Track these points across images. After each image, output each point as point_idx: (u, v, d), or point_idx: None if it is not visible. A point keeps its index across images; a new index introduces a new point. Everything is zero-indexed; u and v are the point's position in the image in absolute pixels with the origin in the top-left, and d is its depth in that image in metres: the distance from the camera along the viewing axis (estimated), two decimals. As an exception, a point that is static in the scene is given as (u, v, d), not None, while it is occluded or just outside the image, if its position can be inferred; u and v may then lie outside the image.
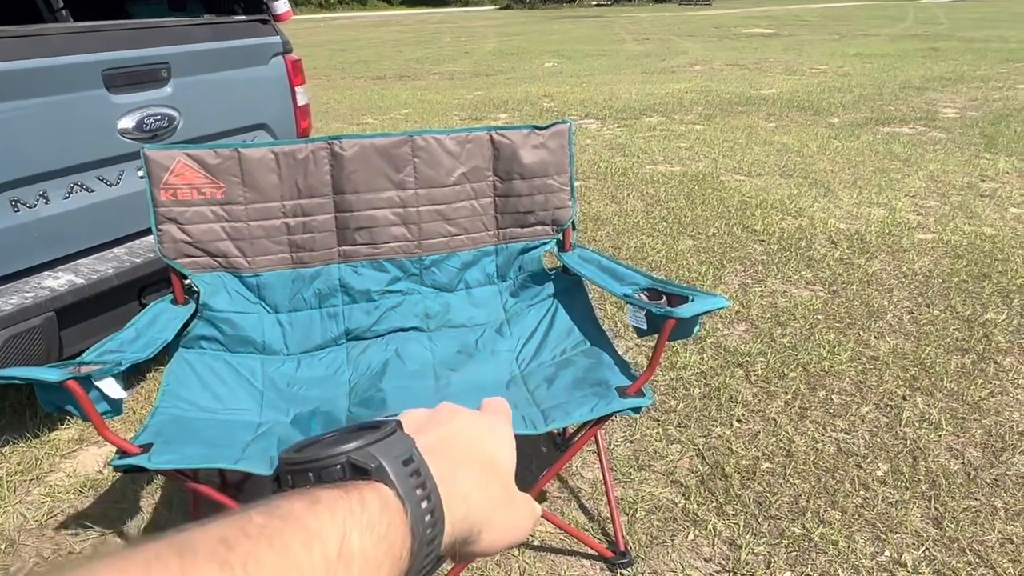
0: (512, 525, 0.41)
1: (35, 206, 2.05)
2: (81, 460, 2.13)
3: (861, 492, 1.88)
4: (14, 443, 2.20)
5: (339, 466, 0.33)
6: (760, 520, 1.80)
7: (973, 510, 1.81)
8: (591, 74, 10.87)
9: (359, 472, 0.33)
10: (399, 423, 0.37)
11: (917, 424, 2.15)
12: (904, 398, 2.29)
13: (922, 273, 3.21)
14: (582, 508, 1.87)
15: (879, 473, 1.95)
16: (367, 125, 7.41)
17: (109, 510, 1.92)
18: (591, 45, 16.28)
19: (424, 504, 0.34)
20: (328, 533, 0.29)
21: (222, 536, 0.26)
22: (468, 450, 0.39)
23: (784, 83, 9.09)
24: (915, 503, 1.84)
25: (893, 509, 1.82)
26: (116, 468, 1.33)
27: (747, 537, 1.75)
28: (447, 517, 0.35)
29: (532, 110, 7.75)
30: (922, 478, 1.93)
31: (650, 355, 2.59)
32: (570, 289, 1.91)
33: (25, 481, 2.04)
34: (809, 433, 2.13)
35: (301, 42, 2.85)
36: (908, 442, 2.07)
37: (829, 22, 21.32)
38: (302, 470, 0.33)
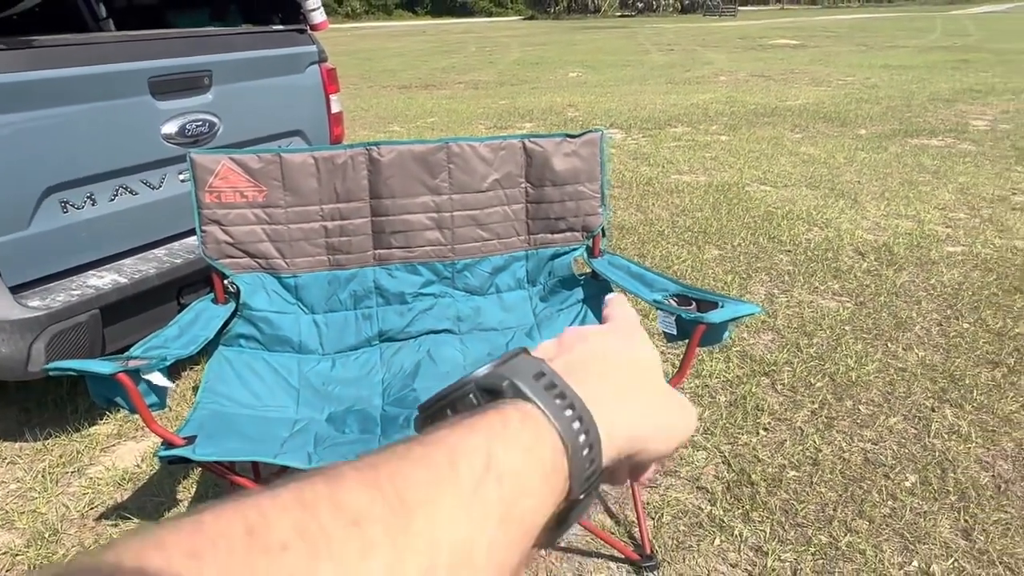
0: (675, 426, 0.39)
1: (82, 208, 2.13)
2: (119, 454, 2.20)
3: (889, 502, 1.88)
4: (56, 436, 2.27)
5: (471, 394, 0.33)
6: (787, 527, 1.81)
7: (1003, 523, 1.80)
8: (616, 84, 10.91)
9: (492, 394, 0.33)
10: (525, 349, 0.36)
11: (946, 436, 2.14)
12: (933, 410, 2.28)
13: (951, 286, 3.19)
14: (608, 512, 1.89)
15: (907, 484, 1.95)
16: (393, 133, 7.50)
17: (147, 503, 1.97)
18: (615, 55, 16.33)
19: (568, 412, 0.32)
20: (472, 450, 0.29)
21: (369, 461, 0.27)
22: (604, 364, 0.38)
23: (810, 94, 9.05)
24: (944, 514, 1.83)
25: (922, 520, 1.82)
26: (162, 459, 1.38)
27: (774, 544, 1.75)
28: (602, 427, 0.33)
29: (557, 119, 7.79)
30: (951, 490, 1.92)
31: (677, 363, 2.61)
32: (599, 295, 1.93)
33: (67, 473, 2.11)
34: (836, 442, 2.13)
35: (328, 51, 2.93)
36: (937, 453, 2.06)
37: (856, 33, 21.16)
38: (439, 408, 0.34)
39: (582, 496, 0.33)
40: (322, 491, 0.25)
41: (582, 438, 0.32)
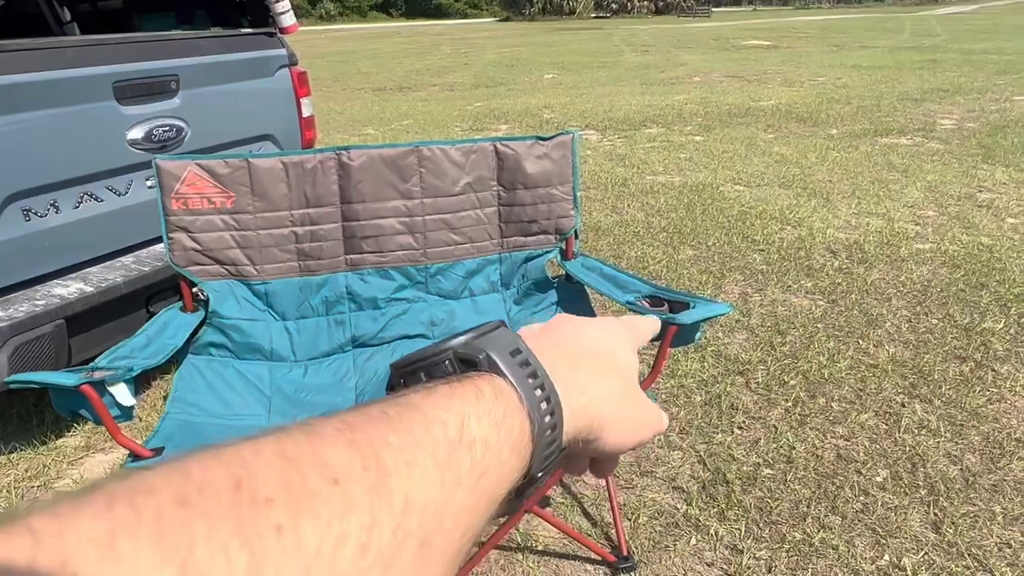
0: (638, 422, 0.39)
1: (46, 216, 2.09)
2: (88, 467, 2.15)
3: (861, 498, 1.90)
4: (21, 450, 2.22)
5: (447, 361, 0.34)
6: (761, 525, 1.82)
7: (972, 515, 1.83)
8: (591, 86, 10.96)
9: (468, 365, 0.34)
10: (503, 322, 0.37)
11: (916, 431, 2.17)
12: (903, 405, 2.31)
13: (920, 282, 3.24)
14: (585, 514, 1.89)
15: (878, 479, 1.97)
16: (368, 136, 7.46)
17: (117, 516, 1.93)
18: (590, 57, 16.40)
19: (538, 392, 0.33)
20: (446, 418, 0.29)
21: (345, 420, 0.27)
22: (580, 350, 0.39)
23: (783, 94, 9.16)
24: (914, 508, 1.86)
25: (892, 514, 1.84)
26: (128, 472, 1.36)
27: (748, 542, 1.77)
28: (565, 408, 0.34)
29: (532, 121, 7.80)
30: (921, 484, 1.95)
31: (652, 363, 2.62)
32: (573, 297, 1.94)
33: (32, 488, 2.06)
34: (809, 440, 2.15)
35: (301, 54, 2.90)
36: (907, 448, 2.09)
37: (827, 34, 21.48)
38: (413, 371, 0.34)
39: (539, 474, 0.34)
40: (304, 447, 0.25)
41: (548, 419, 0.33)
